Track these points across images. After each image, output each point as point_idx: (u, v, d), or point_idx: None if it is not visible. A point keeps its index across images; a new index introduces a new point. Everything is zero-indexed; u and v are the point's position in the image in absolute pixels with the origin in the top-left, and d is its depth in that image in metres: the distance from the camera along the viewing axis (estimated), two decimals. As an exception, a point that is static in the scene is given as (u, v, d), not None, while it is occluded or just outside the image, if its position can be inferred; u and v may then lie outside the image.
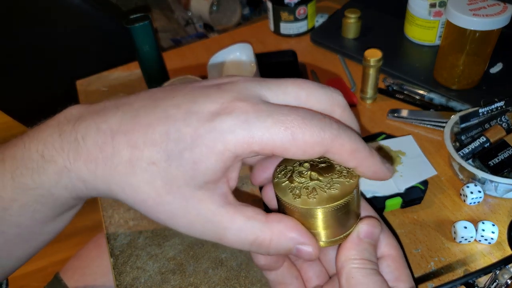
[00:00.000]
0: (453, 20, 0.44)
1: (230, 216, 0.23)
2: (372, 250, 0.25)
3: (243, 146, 0.21)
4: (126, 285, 0.37)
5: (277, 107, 0.22)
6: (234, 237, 0.23)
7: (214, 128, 0.21)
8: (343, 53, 0.59)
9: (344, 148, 0.22)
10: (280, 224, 0.23)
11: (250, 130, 0.21)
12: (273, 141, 0.21)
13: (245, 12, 1.33)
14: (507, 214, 0.38)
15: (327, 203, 0.23)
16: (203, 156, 0.21)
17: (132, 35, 0.50)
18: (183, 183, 0.22)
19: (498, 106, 0.41)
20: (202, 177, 0.22)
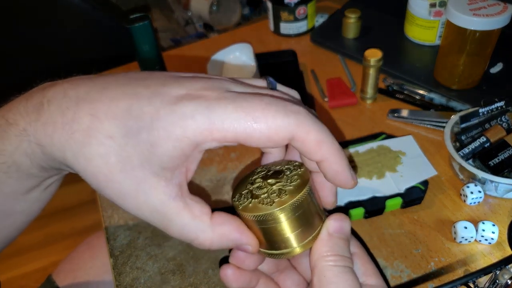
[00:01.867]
0: (453, 20, 0.44)
1: (177, 211, 0.23)
2: (344, 244, 0.25)
3: (203, 133, 0.21)
4: (126, 286, 0.36)
5: (242, 94, 0.22)
6: (177, 231, 0.23)
7: (174, 111, 0.21)
8: (343, 53, 0.59)
9: (310, 136, 0.22)
10: (222, 227, 0.24)
11: (209, 116, 0.21)
12: (234, 128, 0.21)
13: (245, 12, 1.33)
14: (507, 214, 0.38)
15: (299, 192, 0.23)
16: (161, 139, 0.21)
17: (132, 35, 0.50)
18: (137, 164, 0.21)
19: (498, 106, 0.41)
20: (158, 162, 0.21)
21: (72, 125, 0.21)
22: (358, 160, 0.41)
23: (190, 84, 0.22)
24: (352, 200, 0.37)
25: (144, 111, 0.21)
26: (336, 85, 0.53)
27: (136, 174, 0.22)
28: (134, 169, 0.21)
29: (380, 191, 0.38)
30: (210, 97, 0.21)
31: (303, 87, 0.54)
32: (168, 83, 0.22)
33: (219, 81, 0.23)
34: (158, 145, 0.21)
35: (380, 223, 0.38)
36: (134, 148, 0.21)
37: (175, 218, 0.23)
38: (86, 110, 0.21)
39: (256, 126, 0.21)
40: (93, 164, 0.22)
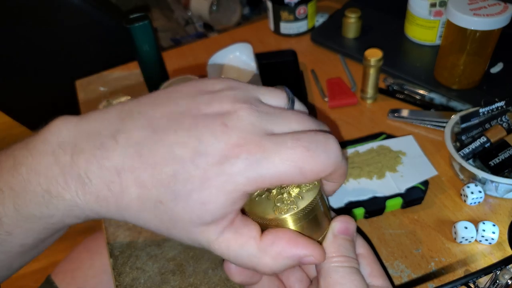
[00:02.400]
0: (454, 19, 0.44)
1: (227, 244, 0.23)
2: (349, 245, 0.25)
3: (252, 185, 0.22)
4: (126, 286, 0.36)
5: (282, 141, 0.22)
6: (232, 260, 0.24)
7: (223, 171, 0.22)
8: (344, 53, 0.59)
9: (339, 172, 0.24)
10: (273, 247, 0.23)
11: (259, 171, 0.22)
12: (281, 177, 0.22)
13: (245, 12, 1.33)
14: (507, 214, 0.38)
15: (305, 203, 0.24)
16: (213, 196, 0.22)
17: (131, 34, 0.50)
18: (188, 222, 0.23)
19: (498, 106, 0.41)
20: (209, 216, 0.22)
21: (123, 197, 0.23)
22: (358, 160, 0.41)
23: (227, 135, 0.22)
24: (352, 200, 0.37)
25: (192, 174, 0.22)
26: (336, 85, 0.53)
27: (188, 228, 0.23)
28: (185, 226, 0.23)
29: (380, 191, 0.38)
30: (254, 151, 0.22)
31: (303, 87, 0.54)
32: (204, 137, 0.22)
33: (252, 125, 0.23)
34: (210, 202, 0.22)
35: (380, 223, 0.38)
36: (184, 209, 0.22)
37: (226, 252, 0.24)
38: (131, 181, 0.22)
39: (301, 174, 0.22)
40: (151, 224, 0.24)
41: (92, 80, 0.63)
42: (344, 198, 0.37)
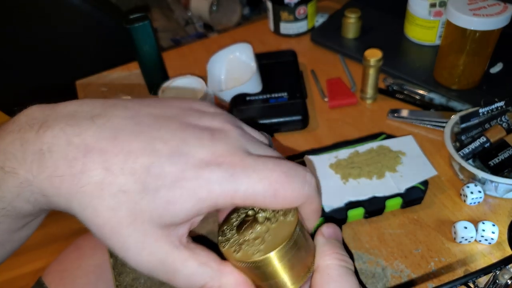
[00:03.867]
0: (453, 20, 0.44)
1: (183, 259, 0.22)
2: (341, 246, 0.26)
3: (225, 199, 0.21)
4: (126, 286, 0.36)
5: (263, 161, 0.23)
6: (184, 280, 0.23)
7: (201, 176, 0.21)
8: (343, 53, 0.59)
9: (311, 207, 0.24)
10: (231, 276, 0.23)
11: (235, 184, 0.21)
12: (255, 196, 0.22)
13: (245, 12, 1.33)
14: (507, 214, 0.38)
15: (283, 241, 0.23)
16: (181, 198, 0.21)
17: (131, 35, 0.50)
18: (148, 219, 0.21)
19: (498, 106, 0.41)
20: (169, 218, 0.21)
21: (81, 178, 0.21)
22: (358, 160, 0.41)
23: (213, 145, 0.22)
24: (352, 200, 0.37)
25: (165, 170, 0.21)
26: (336, 85, 0.53)
27: (144, 228, 0.21)
28: (144, 223, 0.21)
29: (380, 191, 0.38)
30: (234, 164, 0.22)
31: (303, 87, 0.54)
32: (189, 141, 0.22)
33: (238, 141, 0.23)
34: (176, 203, 0.21)
35: (380, 223, 0.38)
36: (148, 204, 0.21)
37: (180, 268, 0.22)
38: (98, 163, 0.21)
39: (275, 197, 0.22)
40: (102, 215, 0.21)
41: (92, 80, 0.64)
42: (343, 198, 0.37)
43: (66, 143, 0.21)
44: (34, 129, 0.21)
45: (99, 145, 0.21)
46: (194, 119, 0.23)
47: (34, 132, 0.21)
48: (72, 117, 0.22)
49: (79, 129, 0.21)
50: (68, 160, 0.21)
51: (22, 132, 0.21)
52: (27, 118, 0.22)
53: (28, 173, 0.21)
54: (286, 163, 0.23)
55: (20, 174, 0.21)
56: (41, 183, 0.21)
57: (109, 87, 0.62)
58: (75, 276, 0.51)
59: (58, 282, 0.51)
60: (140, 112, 0.23)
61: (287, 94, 0.50)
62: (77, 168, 0.21)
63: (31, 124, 0.21)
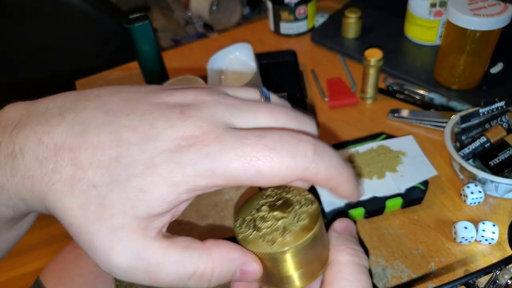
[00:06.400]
0: (454, 20, 0.44)
1: (164, 250, 0.20)
2: (355, 241, 0.24)
3: (204, 180, 0.20)
4: (126, 286, 0.36)
5: (243, 136, 0.20)
6: (170, 272, 0.20)
7: (171, 160, 0.19)
8: (344, 53, 0.59)
9: (319, 176, 0.21)
10: (218, 248, 0.21)
11: (211, 164, 0.19)
12: (237, 176, 0.20)
13: (245, 12, 1.33)
14: (507, 214, 0.38)
15: (304, 235, 0.21)
16: (154, 185, 0.19)
17: (131, 35, 0.50)
18: (119, 211, 0.19)
19: (498, 106, 0.41)
20: (145, 208, 0.19)
21: (52, 176, 0.20)
22: (358, 160, 0.41)
23: (182, 123, 0.20)
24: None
25: (136, 159, 0.19)
26: (336, 85, 0.53)
27: (114, 222, 0.19)
28: (113, 216, 0.19)
29: (380, 191, 0.38)
30: (209, 142, 0.20)
31: (303, 87, 0.54)
32: (156, 123, 0.20)
33: (212, 115, 0.21)
34: (150, 190, 0.19)
35: (380, 223, 0.38)
36: (119, 195, 0.19)
37: (163, 259, 0.20)
38: (68, 160, 0.20)
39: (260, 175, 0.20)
40: (71, 213, 0.20)
41: (92, 80, 0.63)
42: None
43: (36, 143, 0.20)
44: (7, 130, 0.21)
45: (68, 142, 0.20)
46: (166, 96, 0.22)
47: (7, 134, 0.20)
48: (43, 114, 0.21)
49: (48, 127, 0.20)
50: (39, 161, 0.20)
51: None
52: (2, 119, 0.21)
53: (2, 177, 0.20)
54: (272, 132, 0.21)
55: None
56: (15, 186, 0.20)
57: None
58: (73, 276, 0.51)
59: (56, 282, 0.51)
60: (111, 99, 0.21)
61: (287, 94, 0.50)
62: (48, 167, 0.20)
63: (5, 125, 0.21)
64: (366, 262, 0.23)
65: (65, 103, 0.21)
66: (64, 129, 0.20)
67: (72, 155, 0.20)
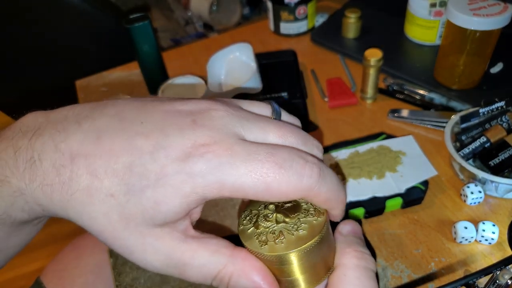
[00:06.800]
0: (454, 20, 0.44)
1: (192, 252, 0.22)
2: (362, 243, 0.24)
3: (212, 191, 0.20)
4: (126, 286, 0.36)
5: (254, 150, 0.20)
6: (196, 273, 0.22)
7: (182, 170, 0.20)
8: (343, 53, 0.59)
9: (319, 198, 0.22)
10: (245, 262, 0.22)
11: (221, 176, 0.20)
12: (245, 189, 0.20)
13: (245, 12, 1.33)
14: (507, 214, 0.38)
15: (296, 246, 0.21)
16: (167, 197, 0.20)
17: (131, 35, 0.50)
18: (141, 221, 0.21)
19: (498, 106, 0.41)
20: (162, 218, 0.21)
21: (71, 185, 0.20)
22: (358, 160, 0.41)
23: (194, 133, 0.20)
24: (352, 200, 0.37)
25: (147, 168, 0.20)
26: (336, 85, 0.53)
27: (140, 230, 0.21)
28: (138, 226, 0.21)
29: (380, 191, 0.38)
30: (220, 154, 0.20)
31: (303, 87, 0.54)
32: (169, 132, 0.21)
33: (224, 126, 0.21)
34: (164, 202, 0.20)
35: (380, 223, 0.38)
36: (136, 206, 0.20)
37: (190, 260, 0.22)
38: (83, 168, 0.20)
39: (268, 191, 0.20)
40: (98, 222, 0.21)
41: (92, 80, 0.64)
42: (344, 198, 0.37)
43: (53, 150, 0.20)
44: (27, 136, 0.21)
45: (84, 149, 0.20)
46: (179, 105, 0.22)
47: (26, 140, 0.21)
48: (61, 122, 0.21)
49: (65, 134, 0.21)
50: (56, 168, 0.20)
51: (16, 139, 0.21)
52: (22, 125, 0.22)
53: (20, 182, 0.21)
54: (282, 150, 0.21)
55: (12, 183, 0.21)
56: (33, 192, 0.21)
57: (109, 87, 0.61)
58: (73, 276, 0.51)
59: (57, 282, 0.51)
60: (126, 107, 0.22)
61: (287, 94, 0.50)
62: (66, 176, 0.20)
63: (25, 131, 0.21)
64: (373, 265, 0.23)
65: (83, 111, 0.22)
66: (80, 136, 0.21)
67: (87, 163, 0.20)
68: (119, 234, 0.21)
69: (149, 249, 0.21)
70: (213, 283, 0.22)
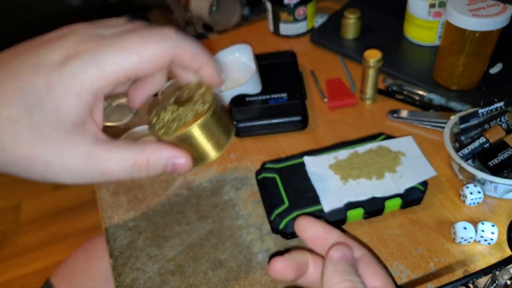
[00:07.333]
0: (453, 20, 0.44)
1: (107, 150, 0.25)
2: (352, 270, 0.24)
3: (98, 82, 0.23)
4: (126, 286, 0.37)
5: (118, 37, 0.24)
6: (116, 166, 0.25)
7: (64, 74, 0.23)
8: (343, 54, 0.59)
9: (186, 52, 0.26)
10: (152, 146, 0.27)
11: (98, 65, 0.23)
12: (123, 67, 0.24)
13: (245, 13, 1.33)
14: (506, 214, 0.38)
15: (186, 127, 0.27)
16: (63, 100, 0.23)
17: (131, 36, 0.50)
18: (51, 130, 0.23)
19: (497, 107, 0.41)
20: (68, 121, 0.23)
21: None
22: (357, 160, 0.41)
23: (62, 44, 0.24)
24: (352, 201, 0.37)
25: (35, 84, 0.22)
26: (336, 85, 0.53)
27: (54, 139, 0.23)
28: (50, 135, 0.23)
29: (380, 192, 0.38)
30: (91, 49, 0.23)
31: (302, 88, 0.54)
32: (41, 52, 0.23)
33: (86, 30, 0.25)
34: (62, 106, 0.23)
35: (380, 223, 0.38)
36: (41, 118, 0.23)
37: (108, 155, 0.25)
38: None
39: (141, 60, 0.24)
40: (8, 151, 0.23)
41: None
42: (343, 198, 0.38)
43: None
44: None
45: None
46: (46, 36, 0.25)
47: None
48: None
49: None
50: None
51: None
52: None
53: None
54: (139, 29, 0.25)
55: None
56: None
57: (109, 88, 0.62)
58: (83, 279, 0.51)
59: (67, 284, 0.51)
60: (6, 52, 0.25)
61: (286, 95, 0.50)
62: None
63: None
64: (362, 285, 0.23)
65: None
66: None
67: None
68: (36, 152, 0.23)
69: (69, 156, 0.24)
70: (134, 173, 0.26)
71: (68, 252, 0.57)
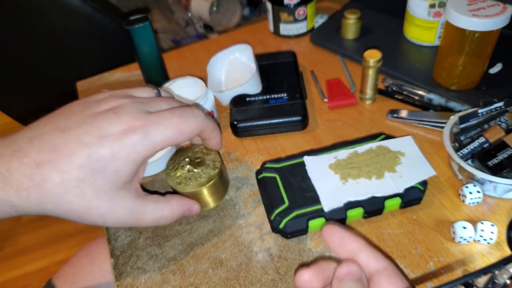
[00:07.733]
0: (453, 20, 0.44)
1: (145, 204, 0.33)
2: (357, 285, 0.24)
3: (149, 150, 0.31)
4: (127, 285, 0.37)
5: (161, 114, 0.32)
6: (150, 217, 0.33)
7: (125, 145, 0.29)
8: (343, 54, 0.59)
9: (208, 127, 0.35)
10: (174, 199, 0.36)
11: (152, 138, 0.30)
12: (169, 140, 0.31)
13: (245, 13, 1.33)
14: (506, 214, 0.38)
15: (198, 187, 0.39)
16: (122, 165, 0.30)
17: (132, 36, 0.50)
18: (108, 188, 0.30)
19: (497, 107, 0.42)
20: (122, 181, 0.31)
21: (45, 185, 0.28)
22: (357, 160, 0.41)
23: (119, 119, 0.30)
24: (351, 200, 0.38)
25: (101, 153, 0.29)
26: (336, 85, 0.53)
27: (109, 195, 0.30)
28: (107, 192, 0.30)
29: (379, 191, 0.38)
30: (143, 125, 0.30)
31: (302, 88, 0.54)
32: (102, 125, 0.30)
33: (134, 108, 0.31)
34: (121, 170, 0.30)
35: (379, 223, 0.39)
36: (103, 179, 0.29)
37: (144, 209, 0.33)
38: (52, 169, 0.28)
39: (181, 135, 0.32)
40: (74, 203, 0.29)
41: (93, 81, 0.64)
42: (343, 198, 0.38)
43: (19, 164, 0.28)
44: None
45: (45, 158, 0.28)
46: (96, 108, 0.31)
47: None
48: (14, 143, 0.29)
49: (24, 152, 0.28)
50: (27, 176, 0.27)
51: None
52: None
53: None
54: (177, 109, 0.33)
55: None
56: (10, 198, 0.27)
57: (109, 88, 0.62)
58: (85, 281, 0.51)
59: (69, 286, 0.52)
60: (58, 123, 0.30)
61: (286, 95, 0.50)
62: (38, 179, 0.28)
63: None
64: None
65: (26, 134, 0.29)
66: (37, 150, 0.28)
67: (54, 166, 0.28)
68: (94, 205, 0.29)
69: (117, 208, 0.31)
70: (161, 222, 0.34)
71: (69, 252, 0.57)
